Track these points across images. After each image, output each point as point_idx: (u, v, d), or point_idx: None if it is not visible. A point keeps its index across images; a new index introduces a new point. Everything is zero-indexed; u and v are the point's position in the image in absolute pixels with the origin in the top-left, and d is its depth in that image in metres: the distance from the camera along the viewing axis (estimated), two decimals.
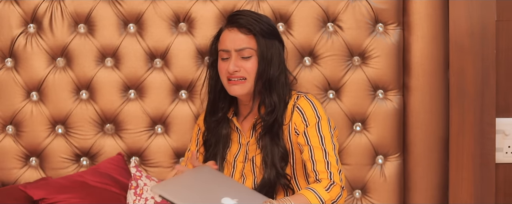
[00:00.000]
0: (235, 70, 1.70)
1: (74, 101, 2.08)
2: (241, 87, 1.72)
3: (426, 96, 2.05)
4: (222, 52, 1.75)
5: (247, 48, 1.70)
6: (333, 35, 2.07)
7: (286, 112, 1.72)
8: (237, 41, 1.71)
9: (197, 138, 1.89)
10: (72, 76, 2.08)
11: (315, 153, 1.65)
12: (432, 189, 2.08)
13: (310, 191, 1.60)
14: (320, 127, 1.68)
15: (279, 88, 1.72)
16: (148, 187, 1.88)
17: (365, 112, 2.08)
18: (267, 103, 1.71)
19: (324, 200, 1.58)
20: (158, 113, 2.08)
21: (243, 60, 1.71)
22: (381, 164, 2.10)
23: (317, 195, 1.59)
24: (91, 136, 2.09)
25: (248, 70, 1.71)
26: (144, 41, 2.07)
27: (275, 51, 1.72)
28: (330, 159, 1.64)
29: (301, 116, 1.70)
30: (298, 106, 1.71)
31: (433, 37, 2.04)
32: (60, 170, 2.08)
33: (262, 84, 1.70)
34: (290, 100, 1.74)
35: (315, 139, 1.67)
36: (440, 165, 2.08)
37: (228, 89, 1.73)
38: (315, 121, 1.68)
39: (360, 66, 2.08)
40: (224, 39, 1.75)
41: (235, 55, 1.71)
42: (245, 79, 1.71)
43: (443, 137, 2.07)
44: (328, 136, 1.68)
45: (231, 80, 1.71)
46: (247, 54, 1.70)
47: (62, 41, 2.06)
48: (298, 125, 1.70)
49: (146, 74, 2.08)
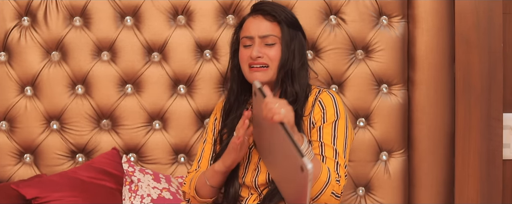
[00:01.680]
0: (258, 56, 1.67)
1: (69, 96, 2.07)
2: (263, 74, 1.68)
3: (431, 91, 2.04)
4: (245, 39, 1.72)
5: (272, 35, 1.68)
6: (336, 28, 2.05)
7: (306, 105, 1.70)
8: (261, 28, 1.69)
9: (214, 128, 1.83)
10: (68, 71, 2.06)
11: (325, 150, 1.62)
12: (437, 186, 2.07)
13: (324, 165, 1.57)
14: (336, 126, 1.66)
15: (301, 79, 1.70)
16: (142, 183, 1.86)
17: (369, 107, 2.06)
18: (289, 93, 1.68)
19: (331, 179, 1.54)
20: (156, 108, 2.07)
21: (266, 47, 1.69)
22: (385, 160, 2.09)
23: (329, 172, 1.55)
24: (87, 132, 2.07)
25: (271, 57, 1.68)
26: (141, 34, 2.06)
27: (299, 42, 1.71)
28: (339, 160, 1.62)
29: (322, 110, 1.68)
30: (320, 100, 1.69)
31: (439, 30, 2.03)
32: (55, 167, 2.07)
33: (285, 73, 1.68)
34: (310, 93, 1.72)
35: (327, 137, 1.64)
36: (446, 162, 2.07)
37: (249, 76, 1.70)
38: (333, 119, 1.66)
39: (363, 60, 2.07)
40: (247, 26, 1.73)
41: (259, 42, 1.69)
42: (267, 66, 1.68)
43: (448, 132, 2.06)
44: (342, 138, 1.65)
45: (253, 67, 1.68)
46: (271, 41, 1.68)
47: (57, 35, 2.05)
48: (317, 118, 1.68)
49: (143, 68, 2.07)
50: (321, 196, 1.56)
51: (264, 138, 1.58)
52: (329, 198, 1.56)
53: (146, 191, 1.87)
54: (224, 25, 2.07)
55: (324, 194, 1.55)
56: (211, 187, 1.67)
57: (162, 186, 1.92)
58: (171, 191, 1.90)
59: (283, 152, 1.43)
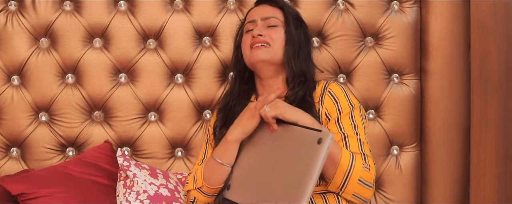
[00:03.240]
0: (259, 34, 1.71)
1: (59, 86, 2.03)
2: (264, 52, 1.70)
3: (446, 81, 2.02)
4: (248, 24, 1.78)
5: (273, 17, 1.75)
6: (343, 13, 2.02)
7: (315, 93, 1.71)
8: (263, 11, 1.76)
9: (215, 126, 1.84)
10: (57, 58, 2.03)
11: (350, 142, 1.62)
12: (451, 182, 2.05)
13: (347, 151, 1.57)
14: (353, 115, 1.67)
15: (308, 64, 1.75)
16: (139, 179, 1.83)
17: (379, 98, 2.03)
18: (296, 73, 1.70)
19: (355, 163, 1.54)
20: (151, 99, 2.05)
21: (268, 29, 1.73)
22: (396, 155, 2.06)
23: (352, 160, 1.54)
24: (77, 124, 2.04)
25: (273, 37, 1.72)
26: (136, 20, 2.03)
27: (304, 33, 1.77)
28: (365, 150, 1.62)
29: (334, 102, 1.68)
30: (330, 91, 1.70)
31: (453, 16, 2.00)
32: (44, 162, 2.04)
33: (292, 53, 1.71)
34: (317, 85, 1.74)
35: (348, 127, 1.64)
36: (461, 157, 2.05)
37: (250, 57, 1.72)
38: (349, 109, 1.67)
39: (373, 48, 2.04)
40: (251, 13, 1.81)
41: (261, 24, 1.74)
42: (269, 45, 1.71)
43: (464, 125, 2.04)
44: (361, 125, 1.66)
45: (254, 47, 1.71)
46: (273, 23, 1.74)
47: (46, 20, 2.02)
48: (330, 110, 1.68)
49: (138, 56, 2.04)
50: (347, 184, 1.53)
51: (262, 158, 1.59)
52: (358, 186, 1.54)
53: (142, 187, 1.82)
54: (225, 9, 2.03)
55: (350, 181, 1.53)
56: (223, 165, 1.62)
57: (160, 182, 1.87)
58: (169, 188, 1.86)
59: (289, 149, 1.47)
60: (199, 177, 1.68)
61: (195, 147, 2.03)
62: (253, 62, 1.72)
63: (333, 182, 1.54)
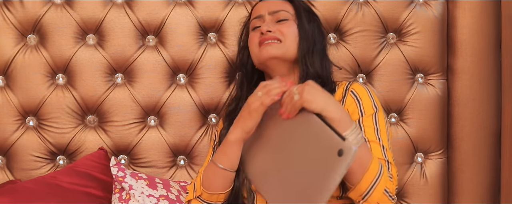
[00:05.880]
0: (268, 30, 1.64)
1: (48, 87, 1.99)
2: (275, 48, 1.63)
3: (475, 81, 1.98)
4: (254, 20, 1.72)
5: (283, 10, 1.68)
6: (363, 6, 1.98)
7: (335, 95, 1.64)
8: (271, 5, 1.70)
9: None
10: (46, 57, 1.98)
11: (372, 148, 1.55)
12: (481, 192, 2.02)
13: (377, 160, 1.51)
14: (377, 118, 1.60)
15: (324, 62, 1.69)
16: (135, 191, 1.76)
17: (402, 100, 1.99)
18: (311, 75, 1.64)
19: (383, 171, 1.47)
20: (151, 101, 2.00)
21: (278, 24, 1.67)
22: (421, 162, 2.02)
23: (381, 167, 1.48)
24: (69, 130, 1.99)
25: (284, 32, 1.65)
26: (133, 14, 1.98)
27: (317, 28, 1.72)
28: (389, 157, 1.55)
29: (357, 103, 1.62)
30: (353, 91, 1.64)
31: (483, 10, 1.97)
32: (32, 172, 1.99)
33: (306, 51, 1.64)
34: (337, 87, 1.68)
35: (370, 131, 1.57)
36: (491, 165, 2.01)
37: (259, 55, 1.65)
38: (372, 111, 1.61)
39: (396, 44, 2.00)
40: (256, 8, 1.74)
41: (269, 18, 1.68)
42: (280, 41, 1.64)
43: (494, 130, 2.00)
44: (384, 130, 1.59)
45: (263, 43, 1.65)
46: (283, 16, 1.68)
47: (34, 14, 1.97)
48: (351, 111, 1.61)
49: (136, 54, 1.99)
50: (373, 191, 1.46)
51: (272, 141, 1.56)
52: (381, 197, 1.47)
53: (139, 200, 1.75)
54: (232, 2, 1.99)
55: (376, 190, 1.46)
56: (225, 170, 1.58)
57: (159, 193, 1.80)
58: (170, 199, 1.80)
59: (306, 146, 1.43)
60: (198, 184, 1.63)
61: (199, 155, 1.97)
62: (263, 60, 1.65)
63: (358, 188, 1.47)
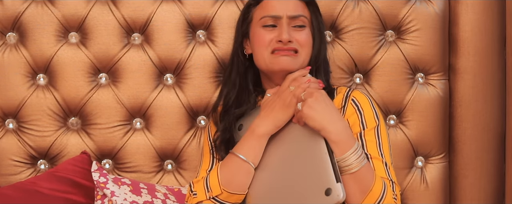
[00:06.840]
0: (289, 40, 1.58)
1: (28, 88, 1.95)
2: (293, 60, 1.59)
3: (478, 81, 1.96)
4: (267, 18, 1.63)
5: (302, 15, 1.62)
6: (360, 2, 1.95)
7: (334, 101, 1.61)
8: (290, 6, 1.62)
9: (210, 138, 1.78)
10: (26, 56, 1.95)
11: (374, 165, 1.52)
12: (484, 198, 2.00)
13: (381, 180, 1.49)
14: (379, 132, 1.57)
15: (327, 69, 1.68)
16: (118, 198, 1.71)
17: (402, 101, 1.96)
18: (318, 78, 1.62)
19: (387, 193, 1.45)
20: (136, 103, 1.97)
21: (294, 30, 1.62)
22: (422, 167, 1.99)
23: (384, 187, 1.46)
24: (50, 133, 1.95)
25: (301, 42, 1.61)
26: (118, 10, 1.94)
27: (324, 28, 1.69)
28: (392, 176, 1.53)
29: (358, 114, 1.59)
30: (354, 99, 1.61)
31: (486, 7, 1.95)
32: (11, 177, 1.94)
33: (318, 58, 1.63)
34: (336, 92, 1.66)
35: (372, 146, 1.54)
36: (495, 169, 2.00)
37: (271, 63, 1.60)
38: (375, 124, 1.58)
39: (395, 42, 1.97)
40: (272, 4, 1.65)
41: (287, 23, 1.61)
42: (296, 52, 1.61)
43: (498, 133, 1.99)
44: (386, 144, 1.57)
45: (278, 51, 1.60)
46: (301, 22, 1.62)
47: (14, 11, 1.93)
48: (352, 122, 1.58)
49: (121, 52, 1.96)
50: None
51: None
52: None
53: None
54: None
55: None
56: (248, 164, 1.54)
57: (144, 199, 1.75)
58: None
59: (306, 170, 1.43)
60: (214, 183, 1.56)
61: (187, 159, 1.93)
62: (277, 70, 1.62)
63: None
